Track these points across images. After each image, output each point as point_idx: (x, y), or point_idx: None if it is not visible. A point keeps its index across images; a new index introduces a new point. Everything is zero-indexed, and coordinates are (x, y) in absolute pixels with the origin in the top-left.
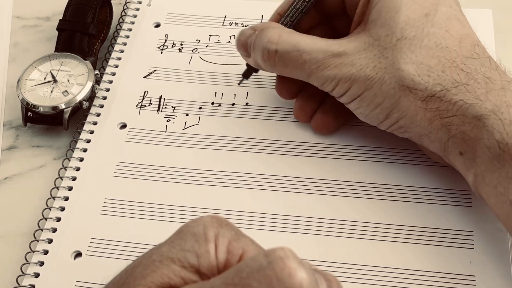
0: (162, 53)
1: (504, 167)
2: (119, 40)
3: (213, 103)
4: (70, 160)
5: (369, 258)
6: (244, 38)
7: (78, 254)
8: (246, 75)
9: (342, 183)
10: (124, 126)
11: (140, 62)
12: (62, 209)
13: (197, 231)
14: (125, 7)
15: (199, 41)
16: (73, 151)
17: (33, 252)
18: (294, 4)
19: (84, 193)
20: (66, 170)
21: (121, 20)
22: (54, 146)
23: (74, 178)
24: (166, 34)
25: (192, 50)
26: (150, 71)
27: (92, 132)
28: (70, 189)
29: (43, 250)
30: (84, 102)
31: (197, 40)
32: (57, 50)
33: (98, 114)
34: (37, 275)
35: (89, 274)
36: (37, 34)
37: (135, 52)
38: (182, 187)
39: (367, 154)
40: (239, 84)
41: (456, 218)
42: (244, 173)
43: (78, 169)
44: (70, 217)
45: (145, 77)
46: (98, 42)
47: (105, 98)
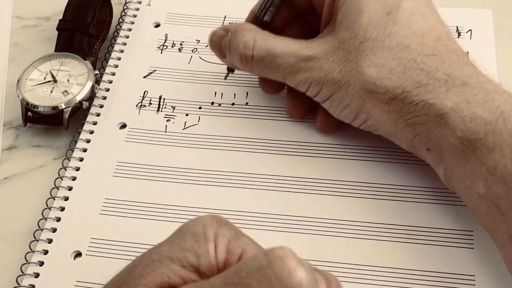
0: (162, 53)
1: (468, 162)
2: (119, 40)
3: (213, 103)
4: (70, 160)
5: (369, 258)
6: (216, 39)
7: (78, 254)
8: (230, 69)
9: (342, 183)
10: (124, 126)
11: (140, 62)
12: (62, 209)
13: (196, 231)
14: (125, 7)
15: (199, 41)
16: (73, 151)
17: (33, 252)
18: None
19: (84, 193)
20: (66, 170)
21: (121, 20)
22: (54, 146)
23: (74, 178)
24: (166, 34)
25: (192, 50)
26: (150, 71)
27: (92, 132)
28: (70, 189)
29: (43, 250)
30: (84, 102)
31: (197, 40)
32: (57, 50)
33: (98, 114)
34: (37, 275)
35: (89, 274)
36: (37, 34)
37: (135, 52)
38: (182, 187)
39: (367, 154)
40: (225, 78)
41: (456, 218)
42: (244, 173)
43: (78, 169)
44: (70, 217)
45: (145, 77)
46: (98, 42)
47: (105, 98)
